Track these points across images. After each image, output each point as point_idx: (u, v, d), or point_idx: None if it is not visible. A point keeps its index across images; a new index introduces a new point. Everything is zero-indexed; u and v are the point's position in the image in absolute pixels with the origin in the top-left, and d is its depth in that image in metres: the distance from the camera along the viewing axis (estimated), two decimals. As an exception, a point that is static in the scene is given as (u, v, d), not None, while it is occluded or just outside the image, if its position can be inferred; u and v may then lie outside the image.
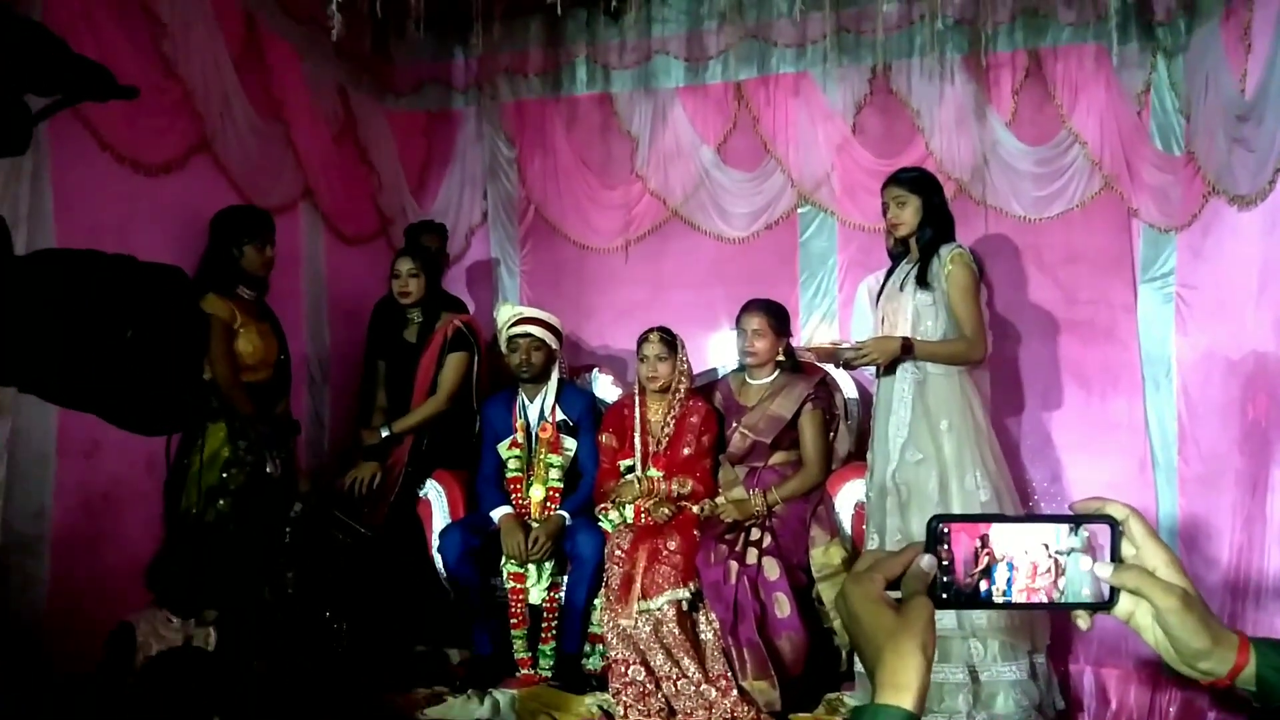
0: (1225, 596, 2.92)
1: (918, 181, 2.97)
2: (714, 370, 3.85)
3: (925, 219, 2.95)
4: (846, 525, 3.20)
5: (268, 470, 2.97)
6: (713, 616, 2.94)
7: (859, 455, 3.30)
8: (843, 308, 4.00)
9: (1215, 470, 3.17)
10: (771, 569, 2.97)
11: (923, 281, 2.92)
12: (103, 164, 2.76)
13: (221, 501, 2.89)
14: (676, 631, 2.91)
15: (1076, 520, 0.78)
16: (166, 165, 3.00)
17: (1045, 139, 3.75)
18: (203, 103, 3.12)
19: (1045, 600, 0.78)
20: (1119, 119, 3.61)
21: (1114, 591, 0.78)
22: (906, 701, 0.70)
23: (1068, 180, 3.70)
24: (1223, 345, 3.16)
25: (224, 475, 2.91)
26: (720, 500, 3.28)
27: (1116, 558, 0.78)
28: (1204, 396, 3.31)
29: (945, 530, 0.77)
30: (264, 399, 3.09)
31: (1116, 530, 0.78)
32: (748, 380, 3.44)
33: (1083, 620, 0.80)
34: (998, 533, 0.77)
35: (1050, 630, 2.89)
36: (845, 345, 3.03)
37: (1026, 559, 0.77)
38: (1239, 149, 3.01)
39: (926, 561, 0.76)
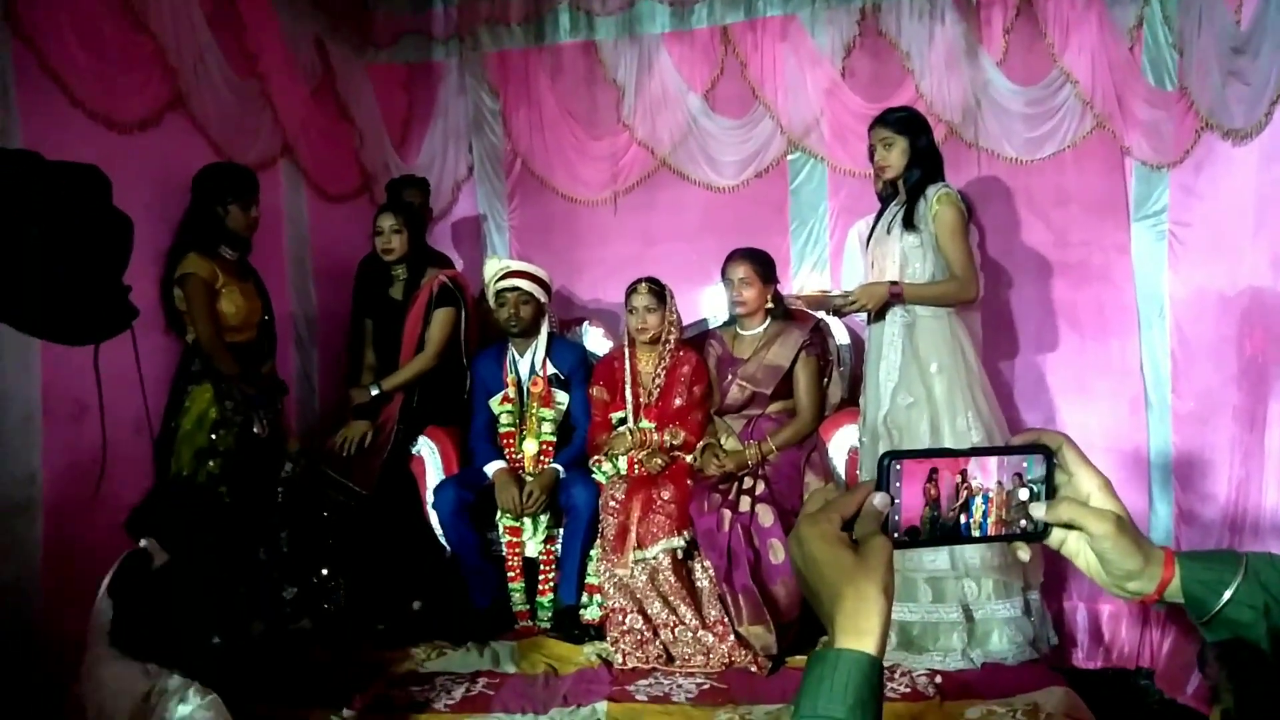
0: (1224, 531, 2.94)
1: (904, 122, 2.94)
2: (704, 321, 3.84)
3: (912, 160, 2.92)
4: (840, 470, 3.22)
5: (255, 431, 2.97)
6: (708, 564, 2.97)
7: (852, 401, 3.31)
8: (834, 255, 3.98)
9: (1210, 407, 3.18)
10: (766, 516, 3.00)
11: (909, 223, 2.90)
12: (74, 121, 2.69)
13: (211, 463, 2.89)
14: (672, 579, 2.94)
15: (1014, 451, 0.79)
16: (141, 123, 2.93)
17: (1036, 79, 3.70)
18: (175, 57, 3.04)
19: (1003, 532, 0.79)
20: (1110, 56, 3.55)
21: (1047, 524, 0.80)
22: (869, 645, 0.67)
23: (1059, 120, 3.65)
24: (1217, 282, 3.15)
25: (212, 436, 2.90)
26: (708, 456, 3.27)
27: (1052, 485, 0.79)
28: (1197, 334, 3.31)
29: (897, 468, 0.76)
30: (249, 360, 3.07)
31: (1051, 459, 0.80)
32: (740, 331, 3.43)
33: (1022, 551, 0.81)
34: (975, 466, 0.78)
35: (1043, 568, 2.92)
36: (834, 293, 3.03)
37: (1000, 490, 0.78)
38: (1234, 82, 2.97)
39: (879, 500, 0.75)
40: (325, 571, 3.29)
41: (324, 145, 3.93)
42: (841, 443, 3.24)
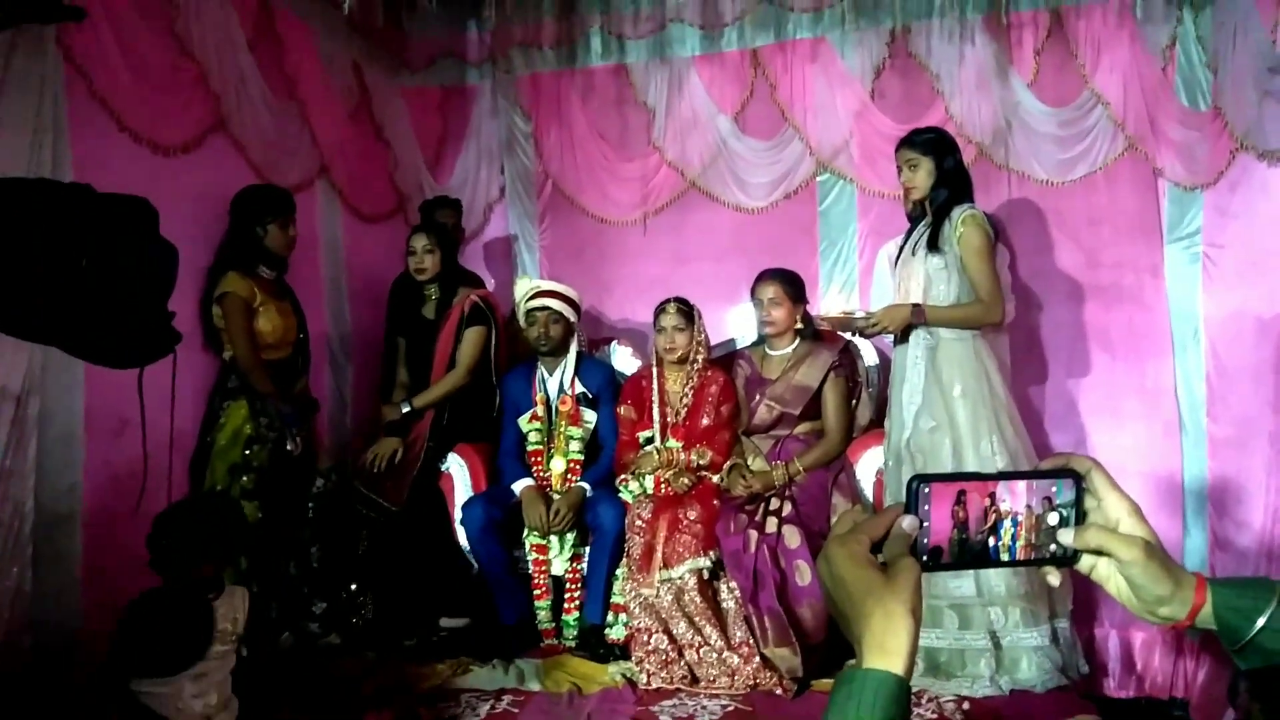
0: (1260, 559, 2.89)
1: (930, 143, 2.95)
2: (733, 341, 3.85)
3: (939, 181, 2.93)
4: (868, 492, 3.21)
5: (288, 448, 3.03)
6: (734, 585, 2.97)
7: (880, 423, 3.30)
8: (863, 276, 3.98)
9: (1247, 432, 3.13)
10: (792, 537, 2.99)
11: (934, 245, 2.90)
12: (122, 145, 2.78)
13: (245, 478, 2.95)
14: (698, 600, 2.94)
15: (1043, 476, 0.80)
16: (185, 145, 3.02)
17: (1068, 100, 3.68)
18: (218, 82, 3.14)
19: (1032, 556, 0.80)
20: (1143, 76, 3.54)
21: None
22: (896, 666, 0.68)
23: (1091, 142, 3.63)
24: (1253, 305, 3.12)
25: (246, 453, 2.97)
26: (734, 476, 3.27)
27: (1081, 510, 0.79)
28: (1233, 358, 3.27)
29: (926, 490, 0.77)
30: (284, 377, 3.14)
31: (1080, 484, 0.80)
32: (768, 352, 3.44)
33: (1052, 576, 0.81)
34: (1004, 490, 0.78)
35: (1073, 594, 2.89)
36: (858, 314, 3.03)
37: (1029, 514, 0.79)
38: (1270, 102, 2.95)
39: (908, 522, 0.76)
40: (354, 586, 3.34)
41: (360, 167, 4.01)
42: (869, 464, 3.23)
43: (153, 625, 2.10)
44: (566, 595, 3.29)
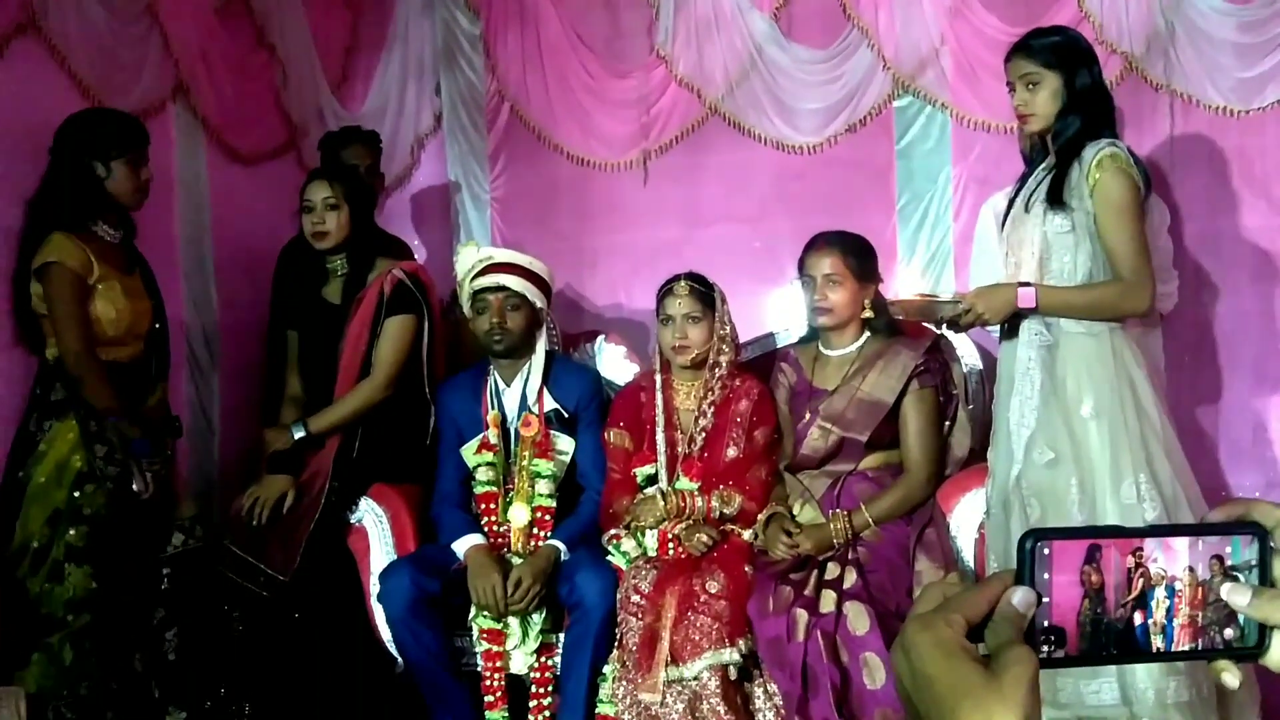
0: None
1: (1055, 51, 2.95)
2: (772, 337, 3.88)
3: (1068, 106, 2.93)
4: (968, 555, 3.24)
5: (135, 489, 3.03)
6: (773, 689, 2.99)
7: (984, 453, 3.33)
8: (960, 244, 4.00)
9: None
10: (858, 620, 3.00)
11: (1056, 198, 2.93)
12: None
13: (72, 531, 2.95)
14: (722, 710, 2.96)
15: (1212, 531, 0.80)
16: (-18, 53, 3.07)
17: (1255, -8, 3.74)
18: (27, -37, 3.17)
19: (1198, 644, 0.80)
20: (1363, -42, 3.59)
21: (1262, 631, 0.78)
22: None
23: (1288, 53, 3.69)
24: None
25: (75, 495, 2.98)
26: (774, 531, 3.31)
27: (1268, 578, 0.79)
28: None
29: (1045, 551, 0.77)
30: (132, 385, 3.15)
31: (1266, 541, 0.80)
32: (823, 351, 3.46)
33: (1229, 674, 0.81)
34: (1155, 546, 0.78)
35: (1260, 700, 2.92)
36: (943, 299, 3.03)
37: (1193, 580, 0.79)
38: None
39: (1020, 597, 0.76)
40: (225, 689, 3.35)
41: (233, 85, 4.03)
42: (969, 514, 3.24)
43: None
44: (532, 703, 3.31)
